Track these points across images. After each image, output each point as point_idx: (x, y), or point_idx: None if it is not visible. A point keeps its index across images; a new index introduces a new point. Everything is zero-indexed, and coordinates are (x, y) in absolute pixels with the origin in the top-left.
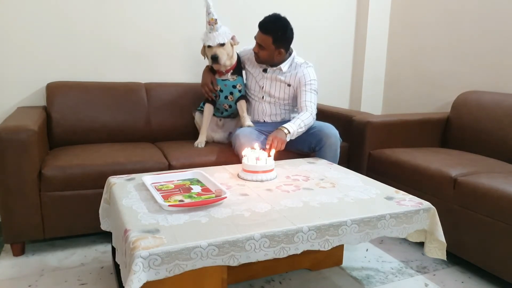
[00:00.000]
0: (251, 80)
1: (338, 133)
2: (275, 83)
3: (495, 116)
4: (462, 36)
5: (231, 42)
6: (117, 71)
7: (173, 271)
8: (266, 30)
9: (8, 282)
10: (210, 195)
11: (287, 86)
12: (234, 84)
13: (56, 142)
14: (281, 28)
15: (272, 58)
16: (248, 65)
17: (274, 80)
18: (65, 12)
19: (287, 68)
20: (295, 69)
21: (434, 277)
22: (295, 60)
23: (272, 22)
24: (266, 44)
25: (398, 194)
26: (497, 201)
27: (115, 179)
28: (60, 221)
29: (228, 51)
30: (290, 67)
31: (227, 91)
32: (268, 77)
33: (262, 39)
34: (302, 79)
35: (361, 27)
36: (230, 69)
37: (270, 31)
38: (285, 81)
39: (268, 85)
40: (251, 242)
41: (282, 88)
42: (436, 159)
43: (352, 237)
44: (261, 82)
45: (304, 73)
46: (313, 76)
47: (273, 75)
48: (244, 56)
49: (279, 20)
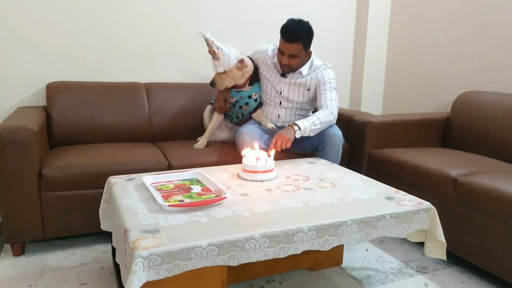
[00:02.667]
0: (267, 84)
1: (342, 134)
2: (294, 88)
3: (495, 116)
4: (462, 36)
5: (239, 66)
6: (117, 71)
7: (173, 271)
8: (296, 38)
9: (8, 282)
10: (210, 195)
11: (306, 90)
12: (250, 94)
13: (56, 142)
14: (307, 30)
15: (303, 62)
16: (263, 69)
17: (293, 85)
18: (65, 12)
19: (307, 71)
20: (315, 71)
21: (434, 277)
22: (314, 62)
23: (298, 28)
24: (298, 52)
25: (398, 194)
26: (497, 201)
27: (115, 179)
28: (60, 221)
29: (234, 75)
30: (310, 69)
31: (242, 102)
32: (287, 82)
33: (293, 48)
34: (321, 79)
35: (361, 27)
36: (245, 83)
37: (300, 38)
38: (305, 84)
39: (287, 90)
40: (251, 242)
41: (301, 92)
42: (436, 159)
43: (352, 237)
44: (279, 87)
45: (324, 74)
46: (332, 75)
47: (292, 80)
48: (258, 59)
49: (302, 24)
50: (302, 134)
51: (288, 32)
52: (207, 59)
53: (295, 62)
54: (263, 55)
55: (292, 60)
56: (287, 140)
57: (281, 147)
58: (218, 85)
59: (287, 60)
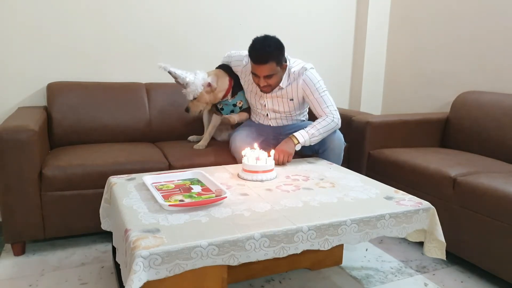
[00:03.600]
0: (252, 97)
1: (343, 137)
2: (277, 100)
3: (494, 116)
4: (462, 36)
5: (207, 90)
6: (117, 71)
7: (174, 270)
8: (267, 58)
9: (9, 281)
10: (210, 195)
11: (289, 100)
12: (234, 103)
13: (56, 142)
14: (275, 47)
15: (281, 77)
16: (243, 83)
17: (275, 97)
18: (66, 13)
19: (286, 82)
20: (294, 80)
21: (433, 277)
22: (291, 70)
23: (266, 47)
24: (273, 70)
25: (398, 194)
26: (496, 201)
27: (116, 179)
28: (61, 220)
29: (206, 99)
30: (289, 79)
31: (228, 109)
32: (268, 96)
33: (267, 69)
34: (306, 88)
35: (361, 27)
36: (225, 97)
37: (271, 57)
38: (286, 96)
39: (270, 102)
40: (251, 241)
41: (285, 103)
42: (435, 159)
43: (351, 236)
44: (262, 101)
45: (306, 81)
46: (315, 78)
47: (273, 94)
48: (237, 67)
49: (268, 41)
50: (302, 145)
51: (256, 54)
52: (207, 59)
53: (274, 80)
54: (241, 65)
55: (269, 80)
56: (288, 154)
57: (283, 162)
58: (192, 112)
59: (264, 81)
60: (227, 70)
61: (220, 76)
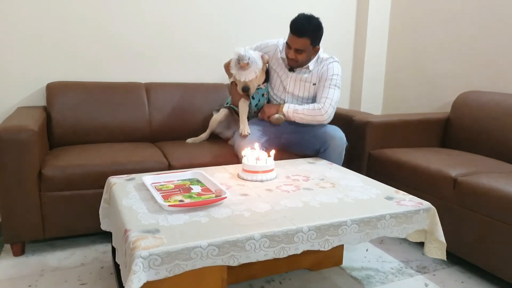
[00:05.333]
0: (276, 79)
1: (345, 136)
2: (299, 83)
3: (495, 116)
4: (462, 36)
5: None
6: (117, 71)
7: (173, 271)
8: (304, 32)
9: (8, 282)
10: (210, 195)
11: (312, 85)
12: (263, 92)
13: (56, 142)
14: (316, 26)
15: (310, 58)
16: (273, 63)
17: (299, 80)
18: (65, 12)
19: (313, 65)
20: (320, 65)
21: (434, 277)
22: (320, 55)
23: (307, 23)
24: (305, 47)
25: (398, 194)
26: (497, 201)
27: (115, 179)
28: (60, 221)
29: (260, 78)
30: (316, 63)
31: (257, 98)
32: (293, 77)
33: (300, 43)
34: (324, 74)
35: (361, 27)
36: (265, 80)
37: (308, 33)
38: (310, 80)
39: (292, 85)
40: (251, 242)
41: (307, 88)
42: (436, 159)
43: (352, 237)
44: (285, 82)
45: (328, 68)
46: (336, 71)
47: (298, 75)
48: (268, 52)
49: (312, 19)
50: (282, 116)
51: (296, 26)
52: (207, 59)
53: (302, 57)
54: (273, 49)
55: (299, 55)
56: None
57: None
58: (251, 90)
59: (293, 54)
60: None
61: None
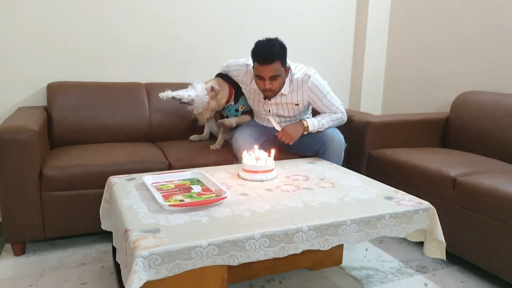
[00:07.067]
0: (255, 104)
1: (343, 138)
2: (281, 106)
3: (494, 116)
4: (462, 36)
5: (212, 95)
6: (117, 71)
7: (174, 270)
8: (274, 57)
9: (9, 281)
10: (210, 195)
11: (295, 105)
12: (236, 108)
13: (56, 142)
14: (281, 47)
15: (284, 81)
16: (245, 90)
17: (280, 103)
18: (66, 12)
19: (288, 89)
20: (298, 88)
21: (433, 277)
22: (294, 76)
23: (273, 47)
24: (278, 71)
25: (398, 194)
26: (496, 201)
27: (116, 179)
28: (61, 221)
29: (211, 107)
30: (291, 84)
31: (232, 115)
32: (272, 102)
33: (273, 69)
34: (312, 96)
35: (361, 27)
36: (227, 103)
37: (276, 56)
38: (291, 102)
39: (275, 108)
40: (251, 241)
41: (291, 108)
42: (435, 159)
43: (351, 236)
44: (266, 107)
45: (312, 89)
46: (320, 84)
47: (276, 100)
48: (237, 77)
49: (274, 41)
50: (309, 132)
51: (264, 54)
52: (208, 59)
53: (278, 83)
54: (241, 74)
55: (275, 82)
56: (291, 139)
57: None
58: (200, 121)
59: (269, 84)
60: (226, 78)
61: (220, 83)
